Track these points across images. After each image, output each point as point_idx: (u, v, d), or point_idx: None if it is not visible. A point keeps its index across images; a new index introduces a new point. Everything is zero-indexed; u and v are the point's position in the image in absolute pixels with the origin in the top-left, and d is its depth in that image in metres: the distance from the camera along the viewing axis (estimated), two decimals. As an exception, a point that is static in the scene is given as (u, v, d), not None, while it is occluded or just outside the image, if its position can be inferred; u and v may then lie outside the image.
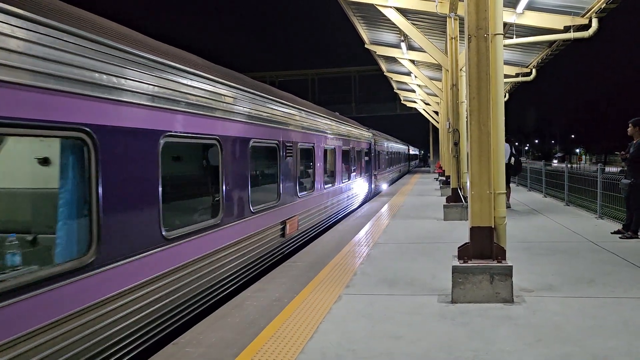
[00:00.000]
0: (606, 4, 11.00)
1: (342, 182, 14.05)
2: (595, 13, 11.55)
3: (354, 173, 16.02)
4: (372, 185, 20.29)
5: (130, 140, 4.39)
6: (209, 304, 5.83)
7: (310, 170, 10.89)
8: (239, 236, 6.63)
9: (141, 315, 4.46)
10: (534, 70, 18.50)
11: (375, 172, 21.20)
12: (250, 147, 7.05)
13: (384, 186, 24.56)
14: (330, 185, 12.51)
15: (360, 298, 5.55)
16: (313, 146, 10.77)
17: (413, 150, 66.23)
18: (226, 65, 7.98)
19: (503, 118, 5.79)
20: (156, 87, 4.73)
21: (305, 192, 10.22)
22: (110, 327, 4.03)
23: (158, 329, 4.77)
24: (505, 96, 21.56)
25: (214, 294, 5.98)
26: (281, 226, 8.37)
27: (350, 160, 15.45)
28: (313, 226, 10.72)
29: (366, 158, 19.04)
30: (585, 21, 12.01)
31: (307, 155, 10.66)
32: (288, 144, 8.88)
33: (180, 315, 5.19)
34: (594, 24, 11.73)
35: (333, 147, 12.83)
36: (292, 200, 9.12)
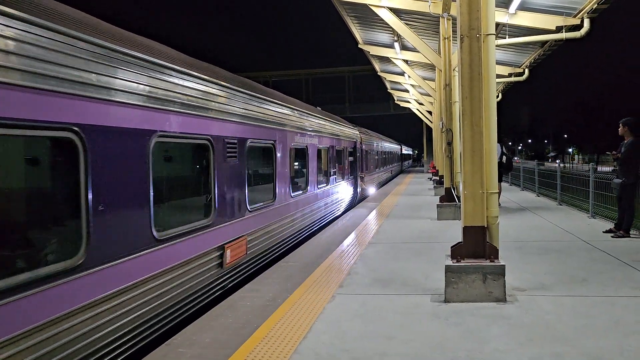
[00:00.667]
0: (598, 4, 11.08)
1: (318, 188, 12.05)
2: (587, 13, 11.63)
3: (334, 176, 14.09)
4: (358, 189, 18.62)
5: None
6: None
7: (269, 175, 8.69)
8: (128, 281, 4.44)
9: None
10: (526, 70, 18.60)
11: (361, 174, 19.34)
12: (154, 144, 4.91)
13: (372, 190, 22.33)
14: (300, 192, 10.49)
15: (354, 298, 5.55)
16: (273, 144, 8.62)
17: (406, 150, 66.27)
18: (225, 66, 7.29)
19: (495, 118, 5.82)
20: None
21: (261, 204, 7.99)
22: None
23: None
24: (498, 96, 21.68)
25: None
26: (217, 253, 6.26)
27: (330, 161, 13.60)
28: (273, 246, 8.61)
29: (351, 158, 17.26)
30: (577, 21, 12.10)
31: (264, 155, 8.57)
32: (229, 141, 6.68)
33: None
34: (586, 24, 11.82)
35: (305, 145, 10.87)
36: (238, 216, 6.97)
